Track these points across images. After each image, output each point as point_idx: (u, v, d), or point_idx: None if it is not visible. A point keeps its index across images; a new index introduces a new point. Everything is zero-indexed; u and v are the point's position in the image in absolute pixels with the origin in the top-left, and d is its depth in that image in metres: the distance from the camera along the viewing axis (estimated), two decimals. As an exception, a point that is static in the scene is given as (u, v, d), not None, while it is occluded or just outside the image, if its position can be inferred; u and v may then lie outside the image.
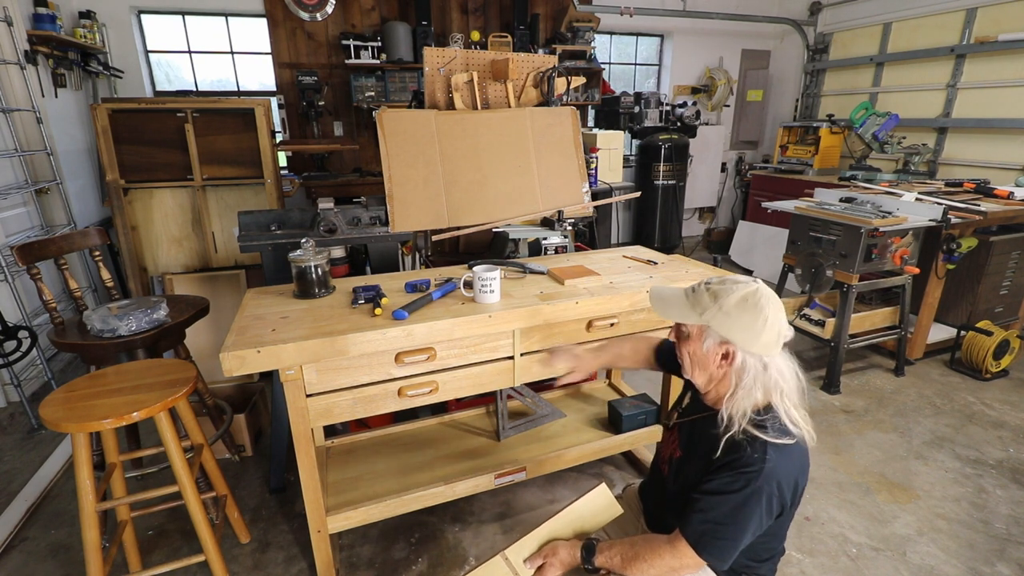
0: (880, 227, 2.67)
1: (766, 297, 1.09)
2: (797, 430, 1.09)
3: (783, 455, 1.06)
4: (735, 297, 1.09)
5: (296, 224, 2.12)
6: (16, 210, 3.11)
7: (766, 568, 1.27)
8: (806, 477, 1.13)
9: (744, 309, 1.08)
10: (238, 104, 2.71)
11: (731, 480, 1.06)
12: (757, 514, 1.06)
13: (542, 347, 1.75)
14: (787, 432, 1.07)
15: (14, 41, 3.01)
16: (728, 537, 1.07)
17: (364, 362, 1.54)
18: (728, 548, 1.08)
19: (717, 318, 1.10)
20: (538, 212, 2.41)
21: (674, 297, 1.20)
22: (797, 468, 1.09)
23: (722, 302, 1.10)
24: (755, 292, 1.10)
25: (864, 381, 3.16)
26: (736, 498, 1.05)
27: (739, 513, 1.06)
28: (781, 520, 1.14)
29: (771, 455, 1.05)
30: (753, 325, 1.07)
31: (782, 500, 1.07)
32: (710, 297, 1.12)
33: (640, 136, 5.17)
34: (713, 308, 1.10)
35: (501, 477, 1.90)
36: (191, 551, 1.87)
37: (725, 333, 1.10)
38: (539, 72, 2.51)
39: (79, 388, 1.50)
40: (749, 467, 1.05)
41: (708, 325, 1.11)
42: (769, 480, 1.04)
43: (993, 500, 2.19)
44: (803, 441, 1.10)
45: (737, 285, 1.11)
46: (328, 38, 4.44)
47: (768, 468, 1.04)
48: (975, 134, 4.52)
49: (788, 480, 1.07)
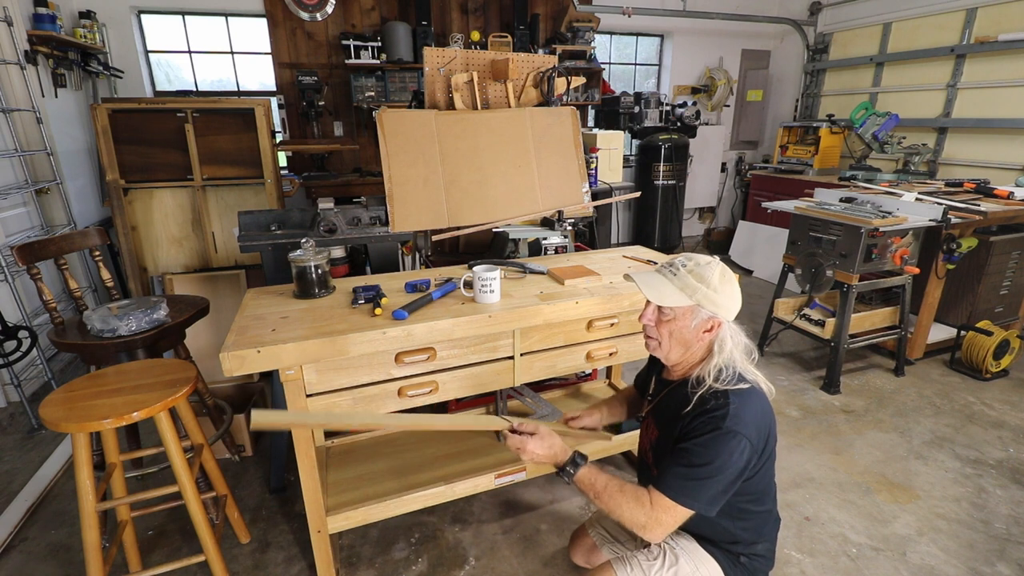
0: (880, 227, 2.67)
1: (729, 271, 1.22)
2: (752, 377, 1.20)
3: (743, 398, 1.15)
4: (716, 275, 1.19)
5: (296, 224, 2.12)
6: (16, 210, 3.11)
7: (763, 547, 1.29)
8: (770, 419, 1.20)
9: (725, 283, 1.20)
10: (238, 104, 2.71)
11: (701, 425, 1.14)
12: (728, 452, 1.11)
13: (542, 347, 1.75)
14: (743, 380, 1.18)
15: (14, 41, 3.00)
16: (703, 478, 1.11)
17: (364, 362, 1.54)
18: (705, 489, 1.12)
19: (708, 296, 1.18)
20: (538, 212, 2.41)
21: (661, 283, 1.24)
22: (759, 410, 1.17)
23: (708, 281, 1.19)
24: (724, 267, 1.22)
25: (864, 381, 3.16)
26: (705, 439, 1.12)
27: (709, 451, 1.11)
28: (759, 470, 1.19)
29: (732, 399, 1.14)
30: (733, 295, 1.20)
31: (750, 440, 1.12)
32: (696, 279, 1.20)
33: (640, 136, 5.17)
34: (702, 288, 1.19)
35: (501, 477, 1.90)
36: (191, 551, 1.87)
37: (715, 308, 1.19)
38: (539, 72, 2.51)
39: (79, 388, 1.50)
40: (715, 411, 1.14)
41: (700, 304, 1.19)
42: (734, 420, 1.12)
43: (993, 500, 2.19)
44: (758, 386, 1.20)
45: (710, 264, 1.22)
46: (328, 38, 4.44)
47: (732, 409, 1.12)
48: (975, 134, 4.52)
49: (752, 418, 1.14)
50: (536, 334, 1.72)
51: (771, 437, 1.21)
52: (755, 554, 1.28)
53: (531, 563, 1.89)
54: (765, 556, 1.30)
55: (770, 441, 1.21)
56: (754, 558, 1.28)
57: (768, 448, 1.20)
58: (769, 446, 1.21)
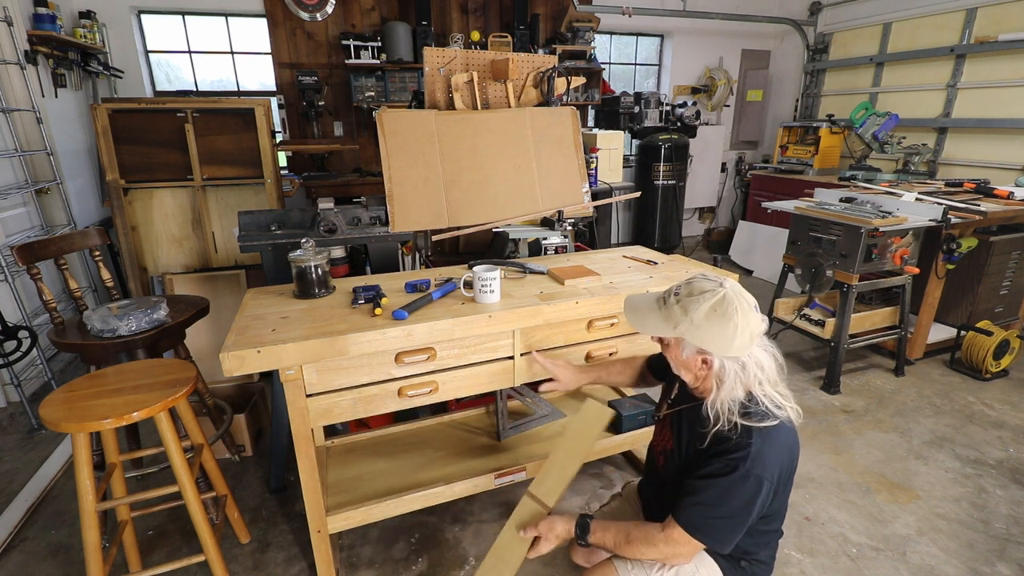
0: (880, 227, 2.67)
1: (733, 304, 1.09)
2: (781, 411, 1.12)
3: (767, 439, 1.09)
4: (704, 309, 1.10)
5: (296, 224, 2.12)
6: (16, 210, 3.11)
7: (765, 554, 1.28)
8: (794, 456, 1.16)
9: (713, 320, 1.10)
10: (238, 104, 2.71)
11: (720, 466, 1.10)
12: (747, 496, 1.08)
13: (542, 347, 1.75)
14: (770, 415, 1.11)
15: (14, 41, 3.01)
16: (720, 517, 1.10)
17: (364, 362, 1.54)
18: (722, 529, 1.11)
19: (690, 331, 1.12)
20: (538, 212, 2.41)
21: (647, 308, 1.21)
22: (783, 449, 1.12)
23: (692, 315, 1.11)
24: (722, 300, 1.10)
25: (864, 381, 3.16)
26: (724, 481, 1.09)
27: (729, 495, 1.09)
28: (775, 502, 1.17)
29: (755, 440, 1.08)
30: (724, 334, 1.09)
31: (771, 482, 1.10)
32: (680, 310, 1.13)
33: (640, 136, 5.17)
34: (685, 321, 1.12)
35: (501, 477, 1.90)
36: (191, 551, 1.87)
37: (699, 344, 1.12)
38: (539, 72, 2.51)
39: (79, 388, 1.50)
40: (735, 452, 1.09)
41: (683, 337, 1.13)
42: (755, 463, 1.07)
43: (993, 500, 2.19)
44: (788, 421, 1.13)
45: (704, 295, 1.12)
46: (328, 38, 4.44)
47: (753, 452, 1.07)
48: (975, 134, 4.52)
49: (774, 462, 1.10)
50: (536, 334, 1.72)
51: (793, 472, 1.16)
52: (756, 560, 1.28)
53: (531, 563, 1.88)
54: (766, 562, 1.30)
55: (788, 475, 1.16)
56: (755, 563, 1.28)
57: (788, 483, 1.17)
58: (789, 481, 1.17)
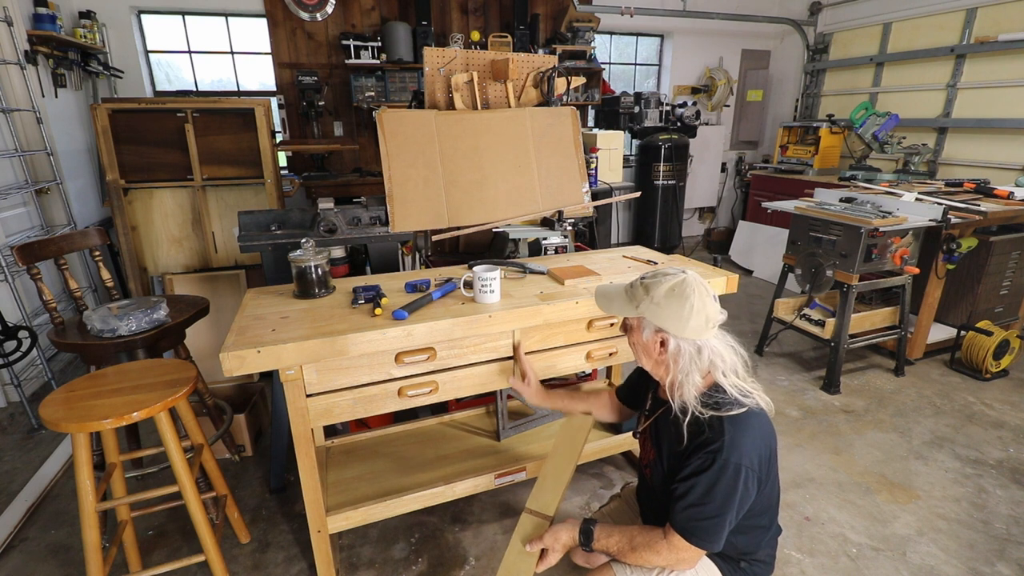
0: (880, 227, 2.67)
1: (691, 286, 1.16)
2: (749, 399, 1.15)
3: (738, 426, 1.11)
4: (663, 288, 1.17)
5: (296, 224, 2.12)
6: (16, 210, 3.11)
7: (765, 554, 1.28)
8: (769, 439, 1.17)
9: (671, 298, 1.16)
10: (238, 104, 2.71)
11: (700, 463, 1.11)
12: (732, 487, 1.09)
13: (542, 347, 1.75)
14: (738, 403, 1.13)
15: (14, 41, 3.01)
16: (710, 516, 1.10)
17: (364, 362, 1.54)
18: (713, 528, 1.11)
19: (650, 309, 1.18)
20: (538, 212, 2.41)
21: (615, 293, 1.28)
22: (756, 434, 1.13)
23: (653, 293, 1.18)
24: (681, 282, 1.17)
25: (864, 381, 3.16)
26: (707, 477, 1.10)
27: (715, 490, 1.10)
28: (762, 492, 1.17)
29: (727, 428, 1.10)
30: (680, 312, 1.15)
31: (750, 468, 1.10)
32: (643, 290, 1.20)
33: (640, 136, 5.17)
34: (646, 300, 1.19)
35: (501, 477, 1.90)
36: (191, 551, 1.87)
37: (658, 322, 1.18)
38: (539, 72, 2.51)
39: (79, 388, 1.50)
40: (711, 444, 1.11)
41: (644, 316, 1.19)
42: (732, 451, 1.09)
43: (993, 500, 2.19)
44: (756, 407, 1.15)
45: (666, 277, 1.19)
46: (328, 38, 4.44)
47: (727, 440, 1.09)
48: (975, 134, 4.52)
49: (751, 448, 1.11)
50: (536, 334, 1.72)
51: (772, 458, 1.19)
52: (756, 559, 1.28)
53: (531, 563, 1.88)
54: (765, 562, 1.30)
55: (772, 462, 1.18)
56: (754, 563, 1.28)
57: (771, 470, 1.18)
58: (772, 467, 1.19)
